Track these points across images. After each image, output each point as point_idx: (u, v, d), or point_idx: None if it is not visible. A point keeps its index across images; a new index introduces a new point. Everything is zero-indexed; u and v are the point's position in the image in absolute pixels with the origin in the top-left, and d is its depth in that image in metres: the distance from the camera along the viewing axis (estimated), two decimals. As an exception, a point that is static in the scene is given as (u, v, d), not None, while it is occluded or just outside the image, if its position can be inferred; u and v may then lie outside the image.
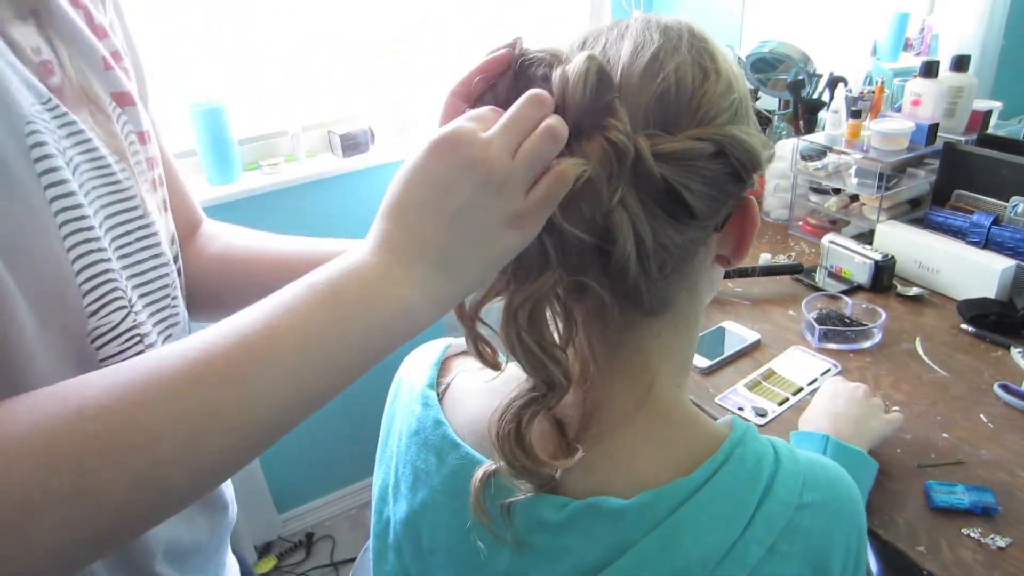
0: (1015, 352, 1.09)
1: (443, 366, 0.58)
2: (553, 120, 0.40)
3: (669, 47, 0.43)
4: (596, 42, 0.45)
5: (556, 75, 0.41)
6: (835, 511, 0.46)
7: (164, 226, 0.56)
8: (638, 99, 0.42)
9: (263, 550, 1.97)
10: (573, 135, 0.41)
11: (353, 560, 1.96)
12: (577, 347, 0.47)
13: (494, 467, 0.46)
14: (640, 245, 0.41)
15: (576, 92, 0.40)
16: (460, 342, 0.60)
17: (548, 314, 0.44)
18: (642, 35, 0.43)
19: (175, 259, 0.57)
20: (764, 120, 1.73)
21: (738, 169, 0.43)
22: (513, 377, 0.52)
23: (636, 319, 0.47)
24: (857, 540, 0.47)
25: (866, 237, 1.41)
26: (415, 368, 0.58)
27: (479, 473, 0.47)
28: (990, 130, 1.45)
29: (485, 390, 0.53)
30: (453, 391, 0.55)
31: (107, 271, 0.47)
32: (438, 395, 0.54)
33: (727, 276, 1.34)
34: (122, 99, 0.53)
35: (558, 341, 0.44)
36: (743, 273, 1.35)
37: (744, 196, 0.45)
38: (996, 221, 1.24)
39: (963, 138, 1.39)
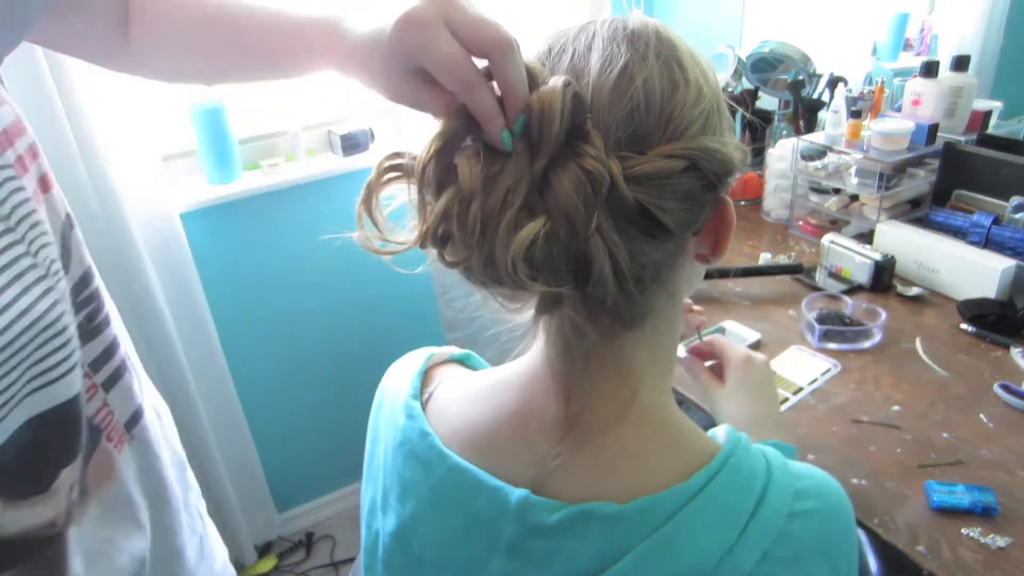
0: (1015, 352, 1.09)
1: (426, 376, 0.57)
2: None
3: (637, 58, 0.42)
4: (563, 52, 0.44)
5: (532, 98, 0.40)
6: (826, 519, 0.46)
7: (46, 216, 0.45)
8: (608, 118, 0.41)
9: (263, 550, 1.97)
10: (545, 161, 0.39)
11: (353, 560, 1.96)
12: (554, 355, 0.47)
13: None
14: (617, 268, 0.40)
15: (553, 125, 0.38)
16: (442, 351, 0.60)
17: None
18: (609, 47, 0.43)
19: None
20: (763, 120, 1.73)
21: (712, 180, 0.42)
22: (496, 384, 0.52)
23: (617, 331, 0.46)
24: (848, 547, 0.48)
25: (866, 237, 1.41)
26: (398, 379, 0.57)
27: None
28: (990, 130, 1.45)
29: (469, 397, 0.53)
30: (437, 400, 0.54)
31: None
32: (422, 405, 0.54)
33: (727, 276, 1.35)
34: None
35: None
36: (743, 273, 1.36)
37: (720, 198, 0.45)
38: (996, 221, 1.24)
39: (963, 138, 1.39)
